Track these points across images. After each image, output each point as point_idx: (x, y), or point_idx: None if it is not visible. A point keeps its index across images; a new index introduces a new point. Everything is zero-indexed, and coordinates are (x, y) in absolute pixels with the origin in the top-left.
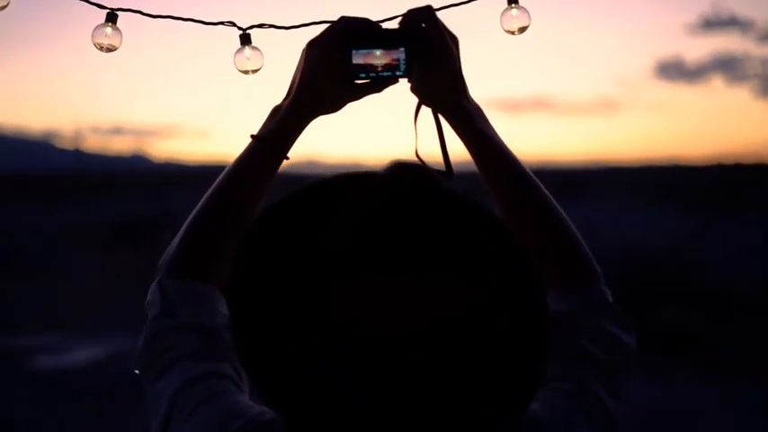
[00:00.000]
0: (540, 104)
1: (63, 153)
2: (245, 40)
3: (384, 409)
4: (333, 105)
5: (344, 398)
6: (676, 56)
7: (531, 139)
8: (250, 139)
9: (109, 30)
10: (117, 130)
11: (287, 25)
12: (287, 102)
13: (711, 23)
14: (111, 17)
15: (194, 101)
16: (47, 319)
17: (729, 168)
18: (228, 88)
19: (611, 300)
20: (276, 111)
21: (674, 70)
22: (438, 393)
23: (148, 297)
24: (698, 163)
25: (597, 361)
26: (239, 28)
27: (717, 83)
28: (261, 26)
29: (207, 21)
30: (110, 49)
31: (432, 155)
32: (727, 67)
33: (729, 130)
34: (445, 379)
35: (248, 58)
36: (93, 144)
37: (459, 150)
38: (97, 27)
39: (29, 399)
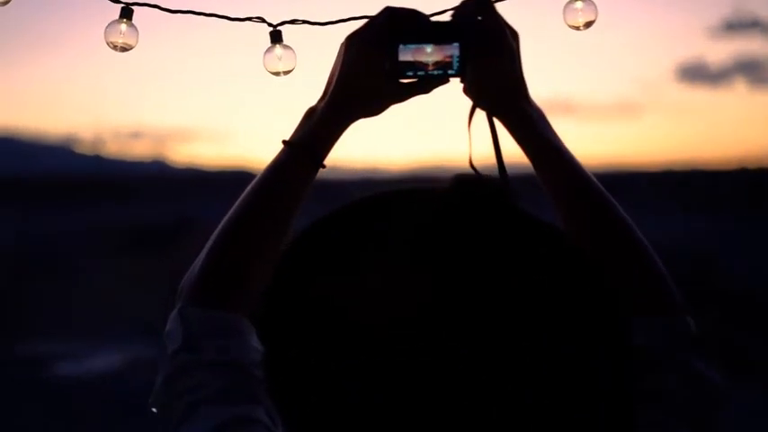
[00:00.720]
0: (560, 108)
1: (82, 157)
2: (276, 37)
3: None
4: (375, 107)
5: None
6: (698, 59)
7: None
8: (282, 145)
9: (123, 27)
10: (136, 134)
11: (322, 21)
12: (323, 103)
13: (733, 26)
14: (126, 13)
15: (216, 103)
16: (64, 325)
17: (753, 172)
18: (252, 90)
19: (696, 331)
20: (311, 113)
21: (696, 73)
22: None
23: (167, 327)
24: (721, 167)
25: (686, 405)
26: (269, 24)
27: (739, 86)
28: (293, 22)
29: (233, 17)
30: (124, 49)
31: (456, 160)
32: (750, 69)
33: (753, 134)
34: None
35: (279, 58)
36: (112, 148)
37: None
38: (110, 24)
39: (46, 407)
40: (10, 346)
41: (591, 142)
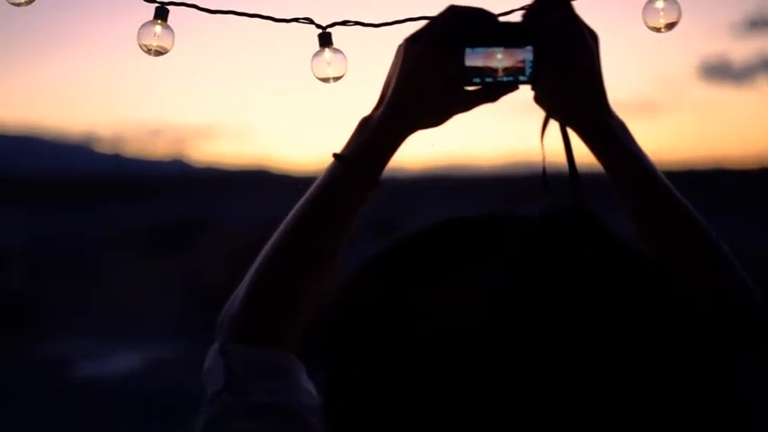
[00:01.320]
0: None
1: (102, 156)
2: (326, 40)
3: None
4: (436, 117)
5: None
6: (721, 56)
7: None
8: (332, 159)
9: (158, 29)
10: (156, 133)
11: (376, 22)
12: (379, 113)
13: (757, 23)
14: (161, 13)
15: (236, 101)
16: (82, 326)
17: None
18: (275, 88)
19: None
20: (365, 123)
21: (718, 71)
22: None
23: (206, 365)
24: (744, 166)
25: None
26: (318, 26)
27: (763, 84)
28: (344, 23)
29: (278, 18)
30: (159, 52)
31: (475, 159)
32: None
33: None
34: None
35: (329, 63)
36: (132, 147)
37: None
38: (144, 26)
39: (65, 408)
40: (29, 346)
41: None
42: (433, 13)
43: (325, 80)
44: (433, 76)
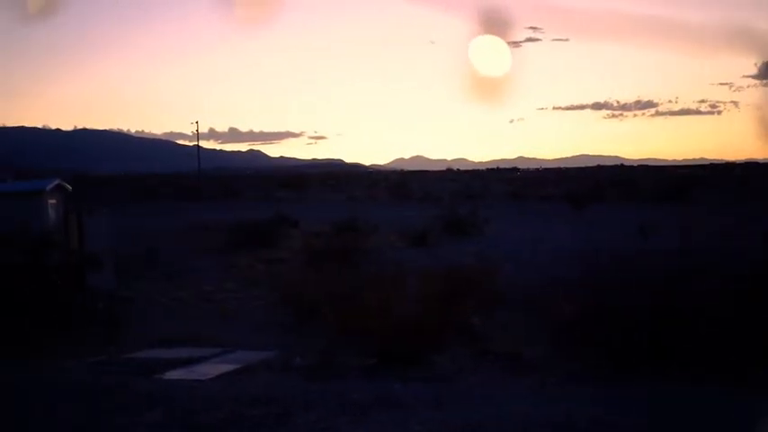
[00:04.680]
0: (645, 106)
1: (184, 156)
2: None
3: None
4: None
5: None
6: None
7: (637, 141)
8: None
9: None
10: (236, 134)
11: None
12: None
13: None
14: None
15: (311, 105)
16: (172, 328)
17: None
18: (349, 92)
19: None
20: None
21: None
22: None
23: None
24: None
25: None
26: None
27: None
28: None
29: None
30: None
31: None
32: None
33: None
34: None
35: None
36: (211, 146)
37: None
38: None
39: (158, 412)
40: (122, 349)
41: (677, 138)
42: None
43: None
44: None
